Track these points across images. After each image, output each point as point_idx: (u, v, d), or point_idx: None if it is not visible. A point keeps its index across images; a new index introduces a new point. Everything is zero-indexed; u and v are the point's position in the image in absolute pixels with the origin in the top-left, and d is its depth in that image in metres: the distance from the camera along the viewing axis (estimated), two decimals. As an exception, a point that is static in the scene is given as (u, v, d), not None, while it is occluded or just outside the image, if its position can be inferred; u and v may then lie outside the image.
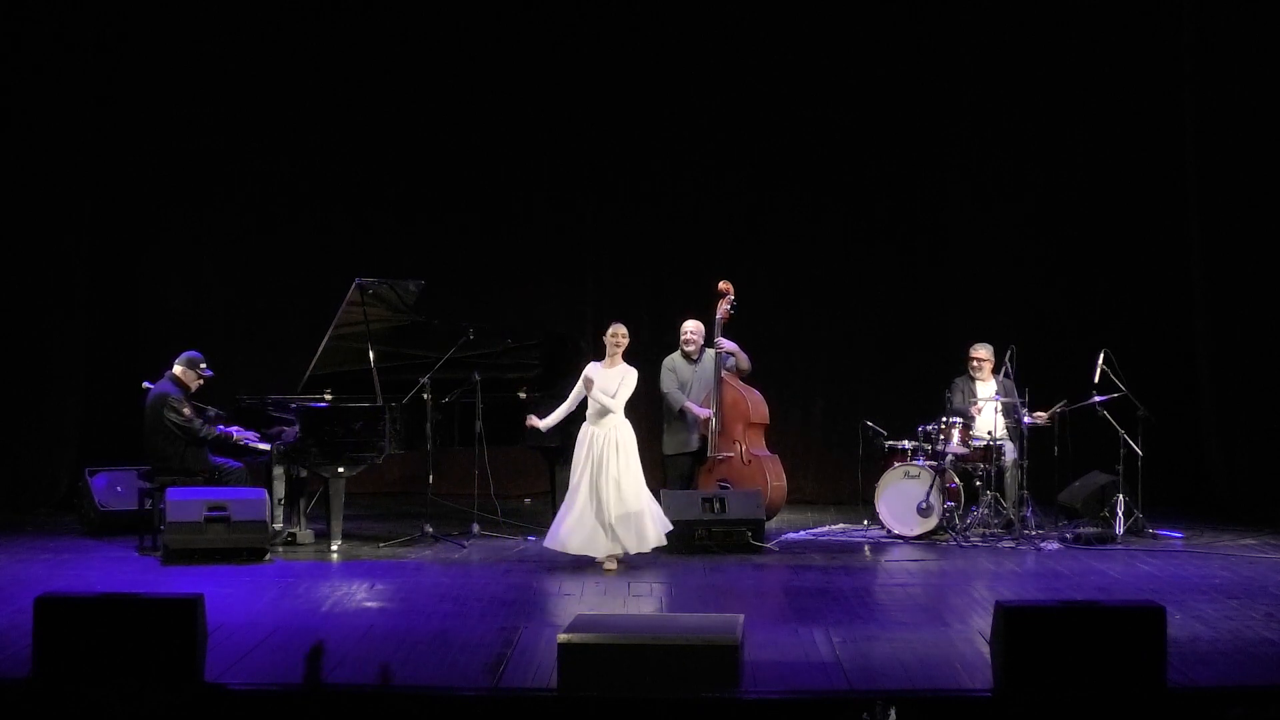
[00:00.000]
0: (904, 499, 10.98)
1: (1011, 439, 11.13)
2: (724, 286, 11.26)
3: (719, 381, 11.12)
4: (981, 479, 11.09)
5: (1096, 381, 11.05)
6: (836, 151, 13.51)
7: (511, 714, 6.31)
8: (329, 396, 10.71)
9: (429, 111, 13.53)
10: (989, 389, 11.35)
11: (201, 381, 10.53)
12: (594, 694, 6.25)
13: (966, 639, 7.46)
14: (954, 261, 13.54)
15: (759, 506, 10.59)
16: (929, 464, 11.03)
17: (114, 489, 11.22)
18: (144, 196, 13.37)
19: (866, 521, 11.48)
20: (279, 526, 10.29)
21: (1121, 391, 11.02)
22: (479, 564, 9.87)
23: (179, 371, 10.47)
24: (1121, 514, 10.90)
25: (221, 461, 10.47)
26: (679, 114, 13.55)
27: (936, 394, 11.59)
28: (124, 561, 9.90)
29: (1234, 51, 12.42)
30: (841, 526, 11.70)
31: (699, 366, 11.21)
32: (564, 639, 6.38)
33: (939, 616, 8.22)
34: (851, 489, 12.13)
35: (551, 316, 13.25)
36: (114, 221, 13.11)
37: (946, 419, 11.10)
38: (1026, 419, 10.90)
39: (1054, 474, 11.14)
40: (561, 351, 11.64)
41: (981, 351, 11.46)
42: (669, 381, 11.21)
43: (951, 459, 11.06)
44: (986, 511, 11.01)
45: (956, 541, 10.75)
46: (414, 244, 13.27)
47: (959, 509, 11.08)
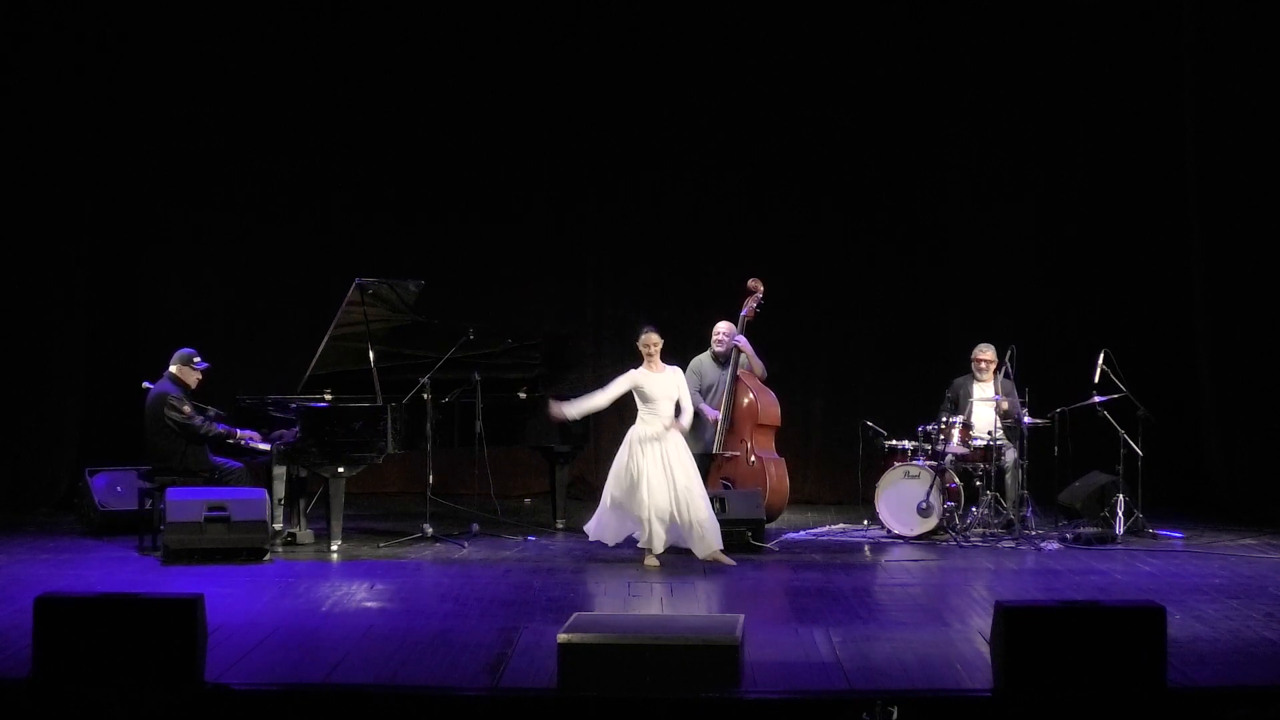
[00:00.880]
0: (904, 499, 10.98)
1: (1010, 439, 11.13)
2: (753, 284, 11.25)
3: (734, 379, 11.13)
4: (981, 479, 11.09)
5: (1096, 382, 11.05)
6: (836, 151, 13.51)
7: (511, 714, 6.31)
8: (329, 396, 10.72)
9: (429, 111, 13.54)
10: (989, 390, 11.35)
11: (199, 376, 10.52)
12: (594, 694, 6.25)
13: (966, 639, 7.46)
14: (954, 261, 13.54)
15: (759, 506, 10.58)
16: (929, 464, 11.03)
17: (114, 489, 11.22)
18: (144, 196, 13.37)
19: (866, 521, 11.48)
20: (279, 526, 10.28)
21: (1121, 391, 11.02)
22: (479, 564, 9.87)
23: (176, 370, 10.47)
24: (1121, 514, 10.90)
25: (221, 461, 10.47)
26: (679, 114, 13.55)
27: (936, 394, 11.60)
28: (124, 561, 9.90)
29: (1234, 51, 12.42)
30: (841, 526, 11.70)
31: (727, 369, 11.21)
32: (564, 639, 6.38)
33: (939, 616, 8.22)
34: (851, 489, 12.13)
35: (552, 316, 13.27)
36: (114, 221, 13.11)
37: (946, 419, 11.10)
38: (1026, 420, 10.90)
39: (1054, 474, 11.14)
40: (561, 352, 11.64)
41: (988, 353, 11.45)
42: (690, 383, 11.19)
43: (951, 459, 11.06)
44: (986, 511, 11.01)
45: (956, 541, 10.75)
46: (414, 244, 13.27)
47: (959, 509, 11.08)
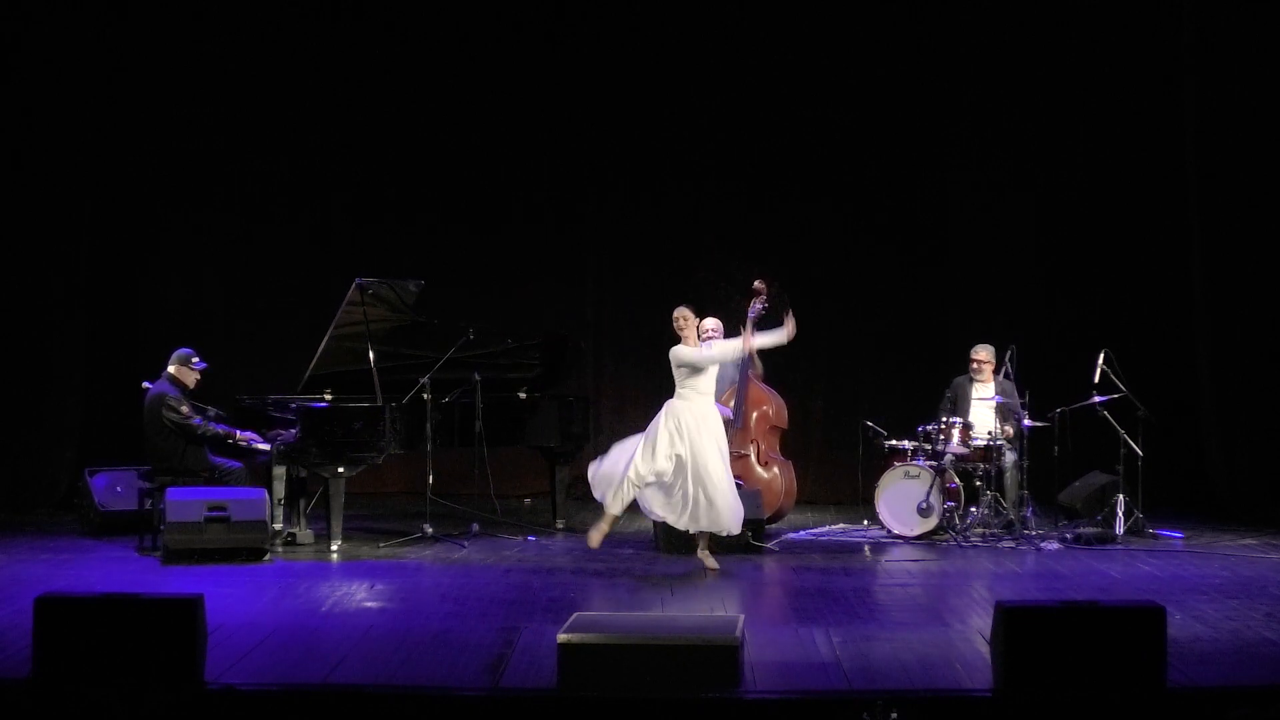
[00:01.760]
0: (904, 499, 10.98)
1: (1009, 442, 11.12)
2: (759, 285, 11.14)
3: (745, 380, 11.12)
4: (981, 479, 11.09)
5: (1096, 382, 11.05)
6: (836, 151, 13.51)
7: (511, 714, 6.31)
8: (329, 396, 10.72)
9: (428, 111, 13.54)
10: (988, 390, 11.35)
11: (198, 375, 10.52)
12: (594, 694, 6.25)
13: (966, 639, 7.46)
14: (954, 261, 13.54)
15: (759, 506, 10.57)
16: (929, 464, 11.03)
17: (114, 489, 11.22)
18: (144, 196, 13.37)
19: (866, 521, 11.48)
20: (279, 526, 10.28)
21: (1122, 392, 11.02)
22: (479, 564, 9.87)
23: (174, 370, 10.47)
24: (1121, 514, 10.90)
25: (221, 461, 10.47)
26: (679, 114, 13.55)
27: (936, 394, 11.60)
28: (124, 561, 9.90)
29: (1234, 51, 12.41)
30: (841, 526, 11.70)
31: (732, 366, 11.20)
32: (564, 639, 6.38)
33: (939, 616, 8.22)
34: (851, 489, 12.13)
35: (551, 316, 13.26)
36: (114, 221, 13.11)
37: (946, 419, 11.11)
38: (1026, 421, 10.90)
39: (1054, 474, 11.14)
40: (561, 352, 11.64)
41: (982, 354, 11.45)
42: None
43: (951, 459, 11.06)
44: (986, 511, 11.01)
45: (956, 541, 10.75)
46: (414, 244, 13.27)
47: (959, 509, 11.08)
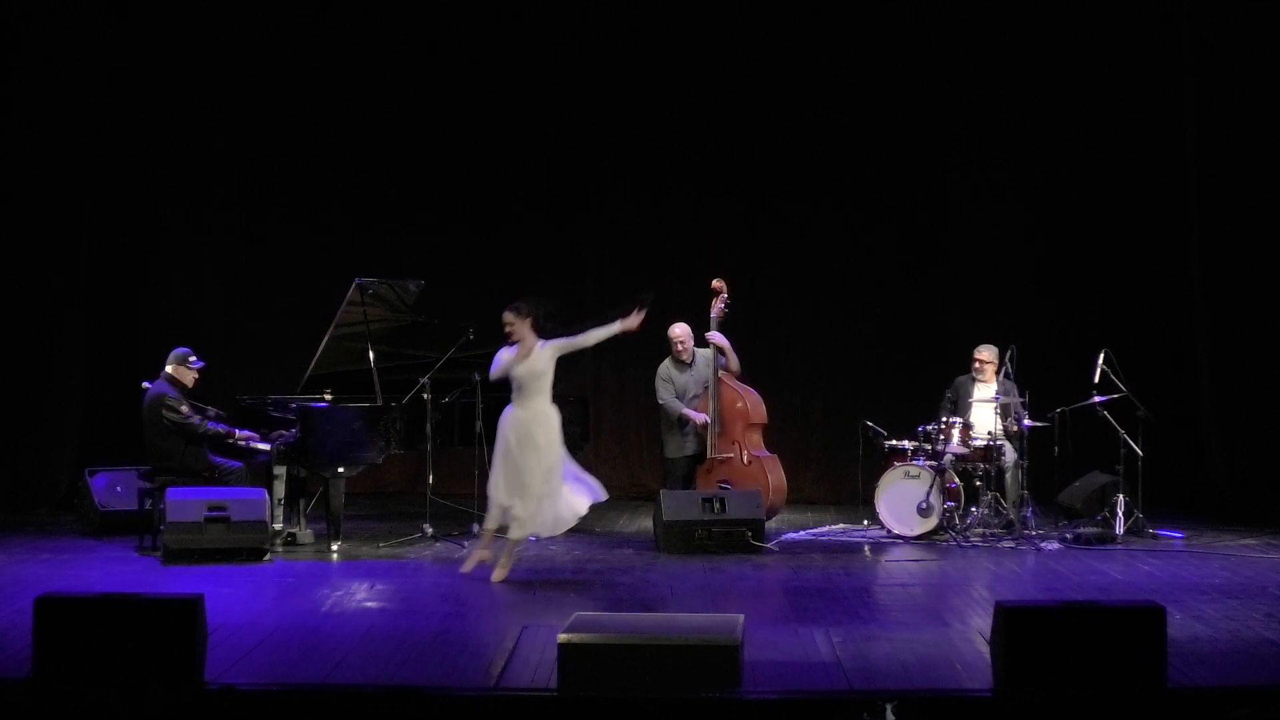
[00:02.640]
0: (904, 499, 10.98)
1: (1010, 440, 11.13)
2: (717, 285, 11.22)
3: (716, 381, 11.11)
4: (981, 479, 11.09)
5: (1096, 382, 11.05)
6: (836, 151, 13.52)
7: (511, 714, 6.31)
8: (329, 396, 10.71)
9: (429, 111, 13.54)
10: (990, 390, 11.35)
11: (196, 374, 10.51)
12: (594, 694, 6.25)
13: (966, 639, 7.46)
14: (954, 261, 13.54)
15: (759, 506, 10.58)
16: (929, 464, 11.03)
17: (114, 489, 11.21)
18: (144, 196, 13.37)
19: (866, 521, 11.48)
20: (279, 526, 10.28)
21: (1121, 392, 11.03)
22: (479, 564, 9.86)
23: (172, 370, 10.46)
24: (1121, 514, 10.90)
25: (221, 461, 10.46)
26: (679, 114, 13.56)
27: (936, 394, 11.60)
28: (124, 561, 9.90)
29: (1234, 51, 12.41)
30: (841, 526, 11.70)
31: (693, 370, 11.20)
32: (564, 639, 6.38)
33: (939, 616, 8.23)
34: (851, 489, 12.14)
35: (552, 317, 13.23)
36: (114, 221, 13.11)
37: (946, 419, 11.11)
38: (1026, 421, 10.90)
39: (1054, 474, 11.14)
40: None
41: (985, 354, 11.45)
42: (665, 391, 11.18)
43: (951, 459, 11.06)
44: (986, 511, 11.01)
45: (956, 541, 10.75)
46: (414, 244, 13.27)
47: (959, 509, 11.08)
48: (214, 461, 10.42)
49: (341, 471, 10.25)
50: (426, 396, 10.50)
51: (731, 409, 11.11)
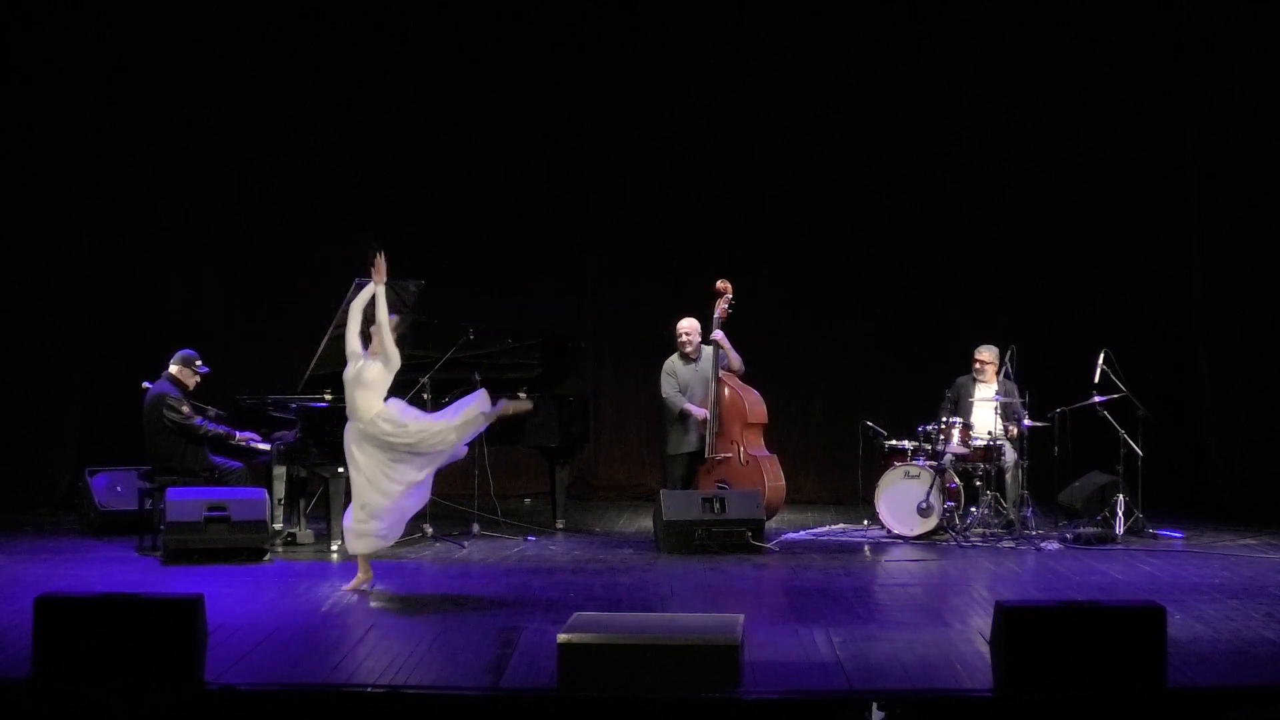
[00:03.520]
0: (904, 499, 10.98)
1: (1010, 440, 11.12)
2: (721, 285, 11.22)
3: (716, 379, 11.11)
4: (981, 479, 11.09)
5: (1096, 381, 11.05)
6: (836, 151, 13.52)
7: (511, 714, 6.31)
8: (329, 396, 10.71)
9: (429, 112, 13.54)
10: (990, 390, 11.34)
11: (198, 379, 10.53)
12: (594, 694, 6.25)
13: (966, 639, 7.46)
14: (954, 261, 13.54)
15: (759, 506, 10.58)
16: (929, 464, 11.03)
17: (114, 489, 11.21)
18: (144, 196, 13.37)
19: (866, 521, 11.48)
20: (279, 526, 10.28)
21: (1121, 391, 11.02)
22: (479, 564, 9.87)
23: (175, 371, 10.47)
24: (1121, 514, 10.90)
25: (221, 461, 10.47)
26: (679, 114, 13.56)
27: (936, 394, 11.59)
28: (124, 561, 9.90)
29: (1234, 51, 12.41)
30: (841, 526, 11.70)
31: (698, 365, 11.20)
32: (564, 639, 6.38)
33: (939, 616, 8.22)
34: (851, 489, 12.14)
35: (551, 316, 13.26)
36: (114, 221, 13.11)
37: (946, 419, 11.11)
38: (1026, 421, 10.90)
39: (1054, 474, 11.14)
40: (561, 352, 11.63)
41: (985, 354, 11.45)
42: (668, 386, 11.18)
43: (951, 459, 11.05)
44: (986, 511, 11.01)
45: (956, 541, 10.75)
46: (414, 244, 13.21)
47: (959, 509, 11.08)
48: (214, 461, 10.43)
49: (341, 471, 10.22)
50: (426, 396, 10.50)
51: (731, 408, 11.11)
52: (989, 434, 11.03)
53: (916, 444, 11.22)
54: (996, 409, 11.07)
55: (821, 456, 13.46)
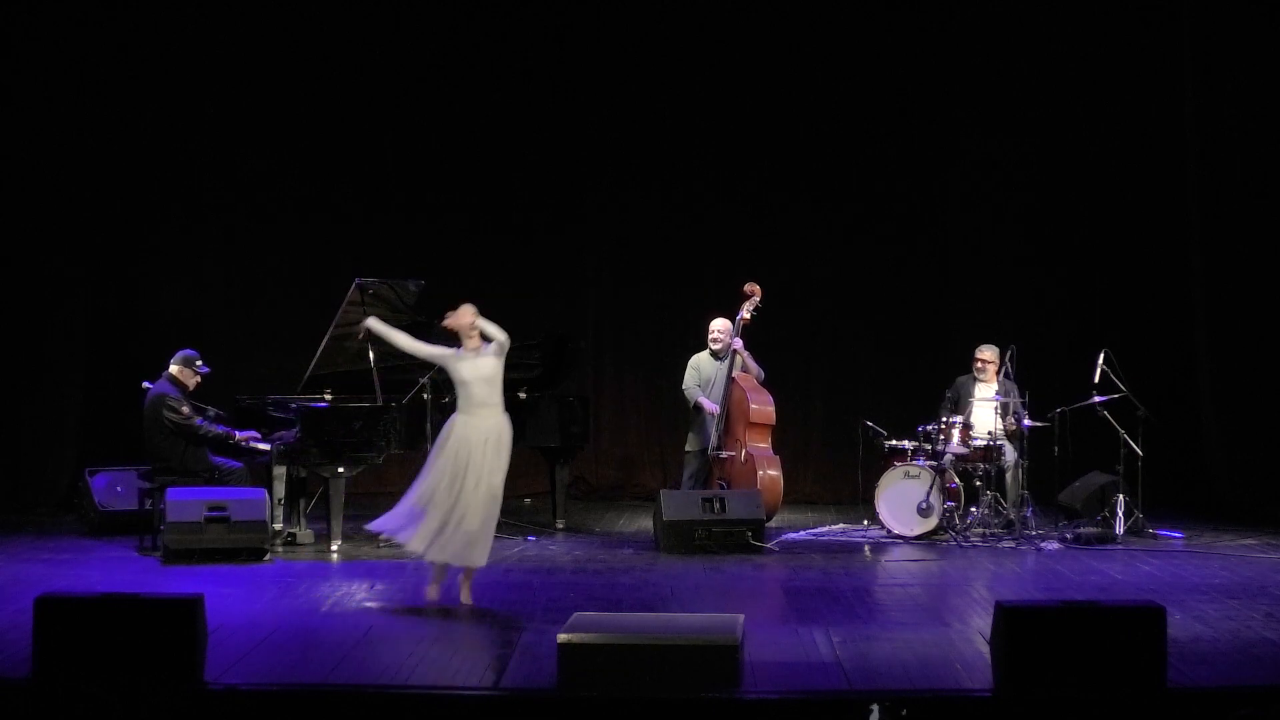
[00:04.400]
0: (904, 499, 10.98)
1: (1010, 440, 11.12)
2: (750, 289, 11.26)
3: (729, 380, 11.14)
4: (981, 479, 11.08)
5: (1096, 382, 11.05)
6: (838, 152, 13.51)
7: (511, 714, 6.31)
8: (329, 396, 10.72)
9: (429, 112, 13.53)
10: (991, 390, 11.34)
11: (199, 379, 10.53)
12: (594, 694, 6.25)
13: (966, 639, 7.46)
14: (954, 261, 13.54)
15: (759, 506, 10.58)
16: (929, 464, 11.03)
17: (114, 489, 11.22)
18: (144, 196, 13.35)
19: (866, 521, 11.48)
20: (279, 526, 10.28)
21: (1122, 392, 11.02)
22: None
23: (175, 371, 10.47)
24: (1121, 514, 10.90)
25: (221, 461, 10.47)
26: (681, 116, 13.55)
27: (936, 394, 11.60)
28: (124, 561, 9.90)
29: (1234, 54, 12.41)
30: (841, 526, 11.70)
31: (723, 364, 11.24)
32: (564, 639, 6.38)
33: (939, 616, 8.23)
34: (851, 489, 12.13)
35: (551, 317, 13.25)
36: (114, 221, 13.10)
37: (946, 419, 11.11)
38: (1026, 421, 10.90)
39: (1054, 474, 11.14)
40: (561, 352, 11.63)
41: (987, 353, 11.45)
42: (690, 378, 11.30)
43: (951, 459, 11.05)
44: (986, 511, 11.00)
45: (956, 541, 10.75)
46: (414, 244, 13.26)
47: (959, 509, 11.08)
48: (214, 462, 10.43)
49: (341, 471, 10.25)
50: (426, 396, 10.50)
51: (737, 408, 11.14)
52: (989, 434, 11.03)
53: (916, 444, 11.21)
54: (997, 409, 11.07)
55: (821, 456, 13.45)
